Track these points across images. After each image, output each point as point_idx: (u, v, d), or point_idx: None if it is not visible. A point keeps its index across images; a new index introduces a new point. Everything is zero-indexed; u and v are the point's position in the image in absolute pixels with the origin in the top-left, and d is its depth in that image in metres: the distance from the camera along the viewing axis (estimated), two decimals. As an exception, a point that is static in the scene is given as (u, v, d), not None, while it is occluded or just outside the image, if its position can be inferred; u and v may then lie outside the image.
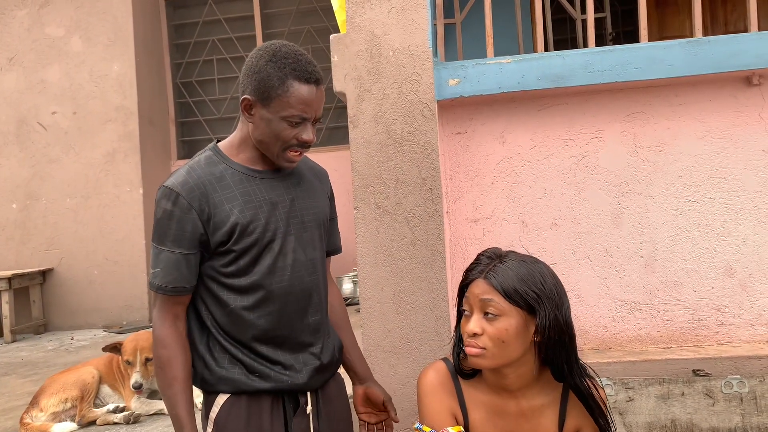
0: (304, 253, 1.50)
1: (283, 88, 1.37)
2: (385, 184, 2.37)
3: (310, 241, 1.53)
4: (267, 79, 1.37)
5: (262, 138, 1.42)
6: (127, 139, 5.15)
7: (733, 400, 2.21)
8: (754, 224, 2.43)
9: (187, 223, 1.39)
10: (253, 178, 1.46)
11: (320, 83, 1.42)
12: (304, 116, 1.39)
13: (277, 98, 1.37)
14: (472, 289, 1.39)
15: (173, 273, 1.40)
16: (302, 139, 1.41)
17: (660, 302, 2.47)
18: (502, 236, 2.53)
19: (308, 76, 1.38)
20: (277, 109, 1.38)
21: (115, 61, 5.17)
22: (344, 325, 1.72)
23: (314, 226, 1.55)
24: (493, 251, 1.44)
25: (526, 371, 1.40)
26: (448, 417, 1.43)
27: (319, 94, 1.42)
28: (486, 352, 1.34)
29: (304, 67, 1.39)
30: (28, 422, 2.50)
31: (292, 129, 1.39)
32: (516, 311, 1.33)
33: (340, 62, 2.43)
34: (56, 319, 5.21)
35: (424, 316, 2.36)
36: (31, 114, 5.25)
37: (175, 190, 1.39)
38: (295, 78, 1.37)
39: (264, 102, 1.39)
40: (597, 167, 2.49)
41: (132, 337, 2.55)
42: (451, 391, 1.45)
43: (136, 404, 2.53)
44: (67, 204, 5.20)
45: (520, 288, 1.33)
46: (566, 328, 1.36)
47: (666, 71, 2.34)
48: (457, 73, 2.43)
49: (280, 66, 1.38)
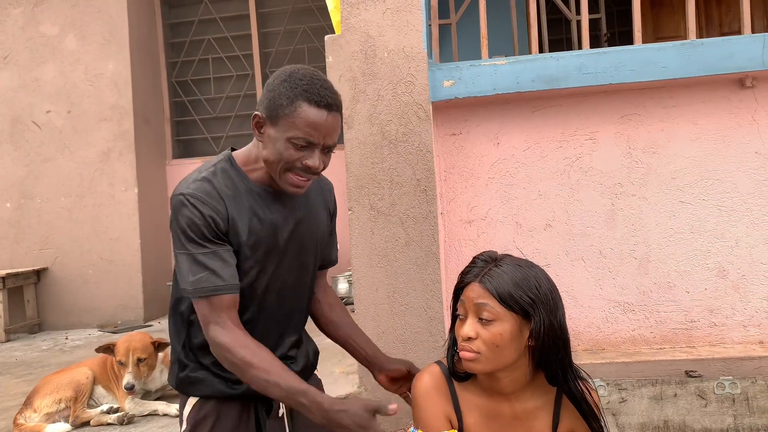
0: (296, 278, 1.51)
1: (290, 108, 1.31)
2: (380, 185, 2.37)
3: (305, 266, 1.53)
4: (278, 98, 1.33)
5: (267, 157, 1.37)
6: (122, 138, 5.13)
7: (725, 401, 2.23)
8: (746, 226, 2.44)
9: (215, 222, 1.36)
10: (262, 198, 1.44)
11: (332, 109, 1.34)
12: (309, 140, 1.33)
13: (284, 117, 1.32)
14: (467, 292, 1.37)
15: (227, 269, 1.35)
16: (306, 164, 1.34)
17: (653, 303, 2.48)
18: (497, 237, 2.54)
19: (319, 99, 1.32)
20: (283, 129, 1.33)
21: (110, 59, 5.15)
22: (349, 323, 1.70)
23: (311, 251, 1.54)
24: (488, 254, 1.43)
25: (520, 375, 1.40)
26: (443, 420, 1.43)
27: (330, 120, 1.34)
28: (480, 357, 1.33)
29: (316, 90, 1.33)
30: (21, 423, 2.49)
31: (296, 152, 1.33)
32: (511, 316, 1.32)
33: (335, 63, 2.43)
34: (51, 318, 5.18)
35: (419, 317, 2.37)
36: (26, 113, 5.23)
37: (196, 196, 1.36)
38: (304, 99, 1.32)
39: (272, 120, 1.35)
40: (591, 169, 2.50)
41: (125, 338, 2.54)
42: (446, 395, 1.45)
43: (130, 405, 2.53)
44: (62, 203, 5.18)
45: (515, 293, 1.32)
46: (560, 332, 1.36)
47: (660, 73, 2.35)
48: (452, 74, 2.43)
49: (293, 86, 1.33)
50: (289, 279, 1.49)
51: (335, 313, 1.69)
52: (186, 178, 1.42)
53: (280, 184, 1.39)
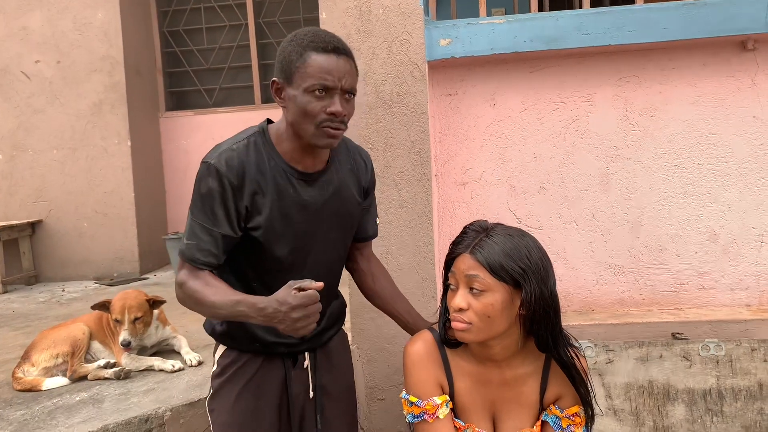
0: (324, 255, 1.53)
1: (301, 60, 1.34)
2: (374, 146, 2.35)
3: (333, 244, 1.55)
4: (287, 57, 1.37)
5: (294, 119, 1.38)
6: (114, 90, 5.04)
7: (709, 363, 2.28)
8: (740, 190, 2.44)
9: (229, 203, 1.39)
10: (291, 176, 1.44)
11: (341, 52, 1.36)
12: (325, 84, 1.33)
13: (297, 72, 1.35)
14: (458, 263, 1.38)
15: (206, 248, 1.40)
16: (330, 111, 1.35)
17: (644, 266, 2.51)
18: (490, 199, 2.53)
19: (325, 44, 1.35)
20: (299, 82, 1.35)
21: (99, 8, 5.00)
22: (393, 293, 1.74)
23: (341, 229, 1.56)
24: (479, 224, 1.43)
25: (511, 343, 1.42)
26: (434, 387, 1.46)
27: (342, 63, 1.36)
28: (472, 327, 1.35)
29: (321, 38, 1.37)
30: (20, 377, 2.54)
31: (318, 101, 1.34)
32: (502, 286, 1.33)
33: (329, 19, 2.37)
34: (47, 270, 5.22)
35: (411, 278, 2.39)
36: (14, 62, 5.11)
37: (220, 169, 1.38)
38: (311, 49, 1.35)
39: (288, 80, 1.37)
40: (587, 131, 2.48)
41: (120, 296, 2.56)
42: (438, 361, 1.48)
43: (127, 360, 2.57)
44: (54, 155, 5.13)
45: (506, 263, 1.33)
46: (551, 301, 1.37)
47: (661, 34, 2.30)
48: (449, 32, 2.38)
49: (299, 42, 1.36)
50: (320, 257, 1.52)
51: (378, 284, 1.74)
52: (219, 144, 1.44)
53: (313, 142, 1.39)
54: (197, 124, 5.54)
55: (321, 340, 1.62)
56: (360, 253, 1.72)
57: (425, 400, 1.44)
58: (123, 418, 2.15)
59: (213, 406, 1.56)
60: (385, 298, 1.72)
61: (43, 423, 2.18)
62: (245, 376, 1.54)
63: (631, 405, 2.30)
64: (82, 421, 2.16)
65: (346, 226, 1.58)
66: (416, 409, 1.45)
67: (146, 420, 2.16)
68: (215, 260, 1.42)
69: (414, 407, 1.45)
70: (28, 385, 2.51)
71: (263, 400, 1.53)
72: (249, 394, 1.53)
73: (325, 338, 1.63)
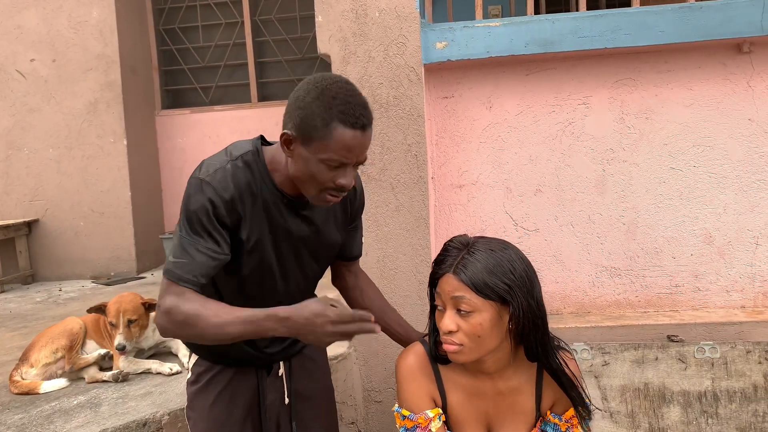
0: (305, 282, 1.54)
1: (326, 130, 1.25)
2: (371, 150, 2.34)
3: (314, 274, 1.56)
4: (311, 118, 1.26)
5: (298, 175, 1.34)
6: (109, 89, 5.02)
7: (704, 365, 2.29)
8: (735, 193, 2.45)
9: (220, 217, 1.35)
10: (280, 204, 1.42)
11: (367, 128, 1.29)
12: (344, 162, 1.28)
13: (318, 140, 1.26)
14: (442, 284, 1.36)
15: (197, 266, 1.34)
16: (340, 183, 1.31)
17: (639, 268, 2.52)
18: (487, 202, 2.54)
19: (355, 120, 1.25)
20: (317, 150, 1.27)
21: (94, 6, 4.98)
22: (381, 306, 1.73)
23: (323, 259, 1.56)
24: (459, 240, 1.40)
25: (503, 355, 1.42)
26: (427, 401, 1.45)
27: (364, 140, 1.29)
28: (463, 348, 1.34)
29: (352, 110, 1.26)
30: (17, 380, 2.54)
31: (330, 172, 1.29)
32: (489, 305, 1.32)
33: (325, 23, 2.36)
34: (44, 269, 5.21)
35: (408, 281, 2.39)
36: (9, 61, 5.09)
37: (212, 186, 1.34)
38: (340, 121, 1.24)
39: (305, 141, 1.28)
40: (583, 134, 2.48)
41: (116, 299, 2.56)
42: (430, 375, 1.47)
43: (124, 363, 2.57)
44: (50, 154, 5.11)
45: (491, 282, 1.30)
46: (539, 311, 1.36)
47: (657, 37, 2.30)
48: (445, 35, 2.38)
49: (327, 106, 1.25)
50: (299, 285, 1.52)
51: (367, 298, 1.73)
52: (211, 159, 1.39)
53: (310, 200, 1.37)
54: (193, 123, 5.53)
55: (295, 349, 1.62)
56: (347, 269, 1.72)
57: (417, 413, 1.44)
58: (121, 422, 2.15)
59: (190, 414, 1.57)
60: (373, 310, 1.68)
61: (41, 427, 2.18)
62: (219, 385, 1.54)
63: (627, 407, 2.31)
64: (80, 426, 2.16)
65: (322, 258, 1.56)
66: (408, 422, 1.44)
67: (144, 424, 2.16)
68: (204, 280, 1.36)
69: (406, 420, 1.45)
70: (25, 388, 2.51)
71: (238, 408, 1.53)
72: (223, 403, 1.53)
73: (299, 346, 1.63)
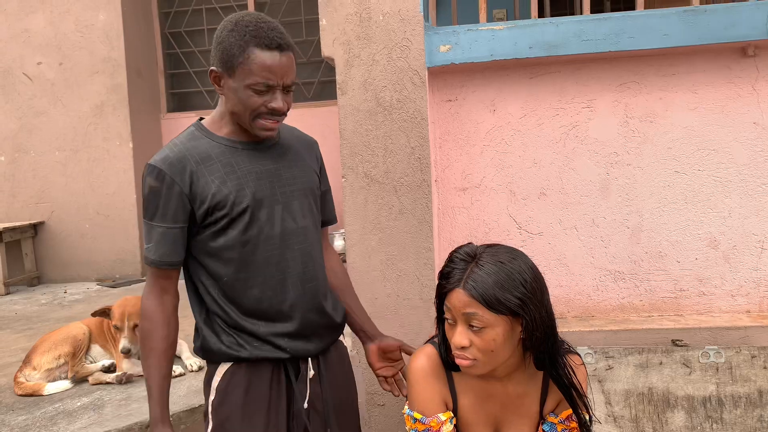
0: (293, 222, 1.51)
1: (244, 56, 1.35)
2: (374, 152, 2.35)
3: (299, 210, 1.53)
4: (229, 49, 1.36)
5: (233, 109, 1.42)
6: (115, 92, 5.05)
7: (709, 370, 2.28)
8: (740, 197, 2.44)
9: (172, 198, 1.40)
10: (236, 149, 1.46)
11: (284, 49, 1.38)
12: (268, 83, 1.37)
13: (239, 67, 1.36)
14: (452, 299, 1.33)
15: (163, 247, 1.43)
16: (271, 107, 1.39)
17: (644, 272, 2.51)
18: (490, 205, 2.54)
19: (269, 42, 1.35)
20: (241, 77, 1.37)
21: (100, 10, 5.01)
22: (347, 288, 1.75)
23: (302, 195, 1.54)
24: (465, 251, 1.37)
25: (515, 362, 1.40)
26: (438, 404, 1.44)
27: (284, 60, 1.37)
28: (477, 363, 1.32)
29: (265, 33, 1.36)
30: (21, 381, 2.55)
31: (259, 97, 1.38)
32: (501, 319, 1.29)
33: (329, 26, 2.37)
34: (49, 271, 5.23)
35: (411, 284, 2.39)
36: (16, 64, 5.13)
37: (157, 167, 1.41)
38: (255, 45, 1.35)
39: (229, 72, 1.38)
40: (587, 137, 2.48)
41: (120, 303, 2.57)
42: (442, 378, 1.46)
43: (128, 365, 2.58)
44: (56, 157, 5.14)
45: (503, 297, 1.28)
46: (549, 320, 1.35)
47: (661, 41, 2.30)
48: (449, 39, 2.38)
49: (241, 34, 1.35)
50: (289, 224, 1.50)
51: (337, 278, 1.73)
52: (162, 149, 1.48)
53: (253, 132, 1.44)
54: (199, 126, 5.55)
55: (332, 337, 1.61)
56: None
57: (430, 417, 1.43)
58: (124, 424, 2.16)
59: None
60: (339, 292, 1.71)
61: (45, 429, 2.19)
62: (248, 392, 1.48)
63: (631, 412, 2.30)
64: (83, 427, 2.17)
65: (307, 190, 1.56)
66: (420, 425, 1.44)
67: (147, 426, 2.17)
68: (177, 257, 1.45)
69: (418, 423, 1.44)
70: (29, 390, 2.52)
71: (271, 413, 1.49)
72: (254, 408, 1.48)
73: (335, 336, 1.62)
